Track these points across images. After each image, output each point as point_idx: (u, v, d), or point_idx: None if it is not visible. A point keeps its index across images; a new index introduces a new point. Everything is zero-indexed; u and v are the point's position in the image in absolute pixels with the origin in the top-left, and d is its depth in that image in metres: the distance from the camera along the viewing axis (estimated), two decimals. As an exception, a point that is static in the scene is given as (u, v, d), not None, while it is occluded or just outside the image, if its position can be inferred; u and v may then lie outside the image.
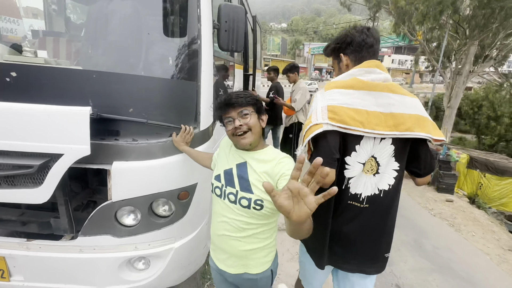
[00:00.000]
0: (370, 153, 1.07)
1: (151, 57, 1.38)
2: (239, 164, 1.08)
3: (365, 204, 1.11)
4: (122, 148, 1.29)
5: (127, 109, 1.28)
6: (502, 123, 14.29)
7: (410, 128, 1.03)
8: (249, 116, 1.03)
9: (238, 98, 1.02)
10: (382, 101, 1.04)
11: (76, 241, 1.37)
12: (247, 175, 1.04)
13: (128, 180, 1.31)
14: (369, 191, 1.10)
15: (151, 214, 1.42)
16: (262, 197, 1.02)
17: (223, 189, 1.10)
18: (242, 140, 1.03)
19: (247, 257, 1.12)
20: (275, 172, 1.00)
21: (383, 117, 1.03)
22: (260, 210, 1.03)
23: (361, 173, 1.08)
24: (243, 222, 1.06)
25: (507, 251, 6.33)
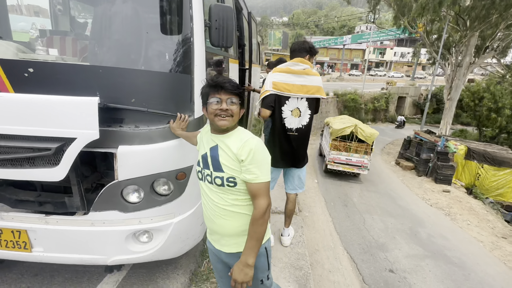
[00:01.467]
0: (295, 106, 2.09)
1: (150, 53, 1.56)
2: (212, 148, 1.18)
3: (295, 133, 2.14)
4: (126, 133, 1.47)
5: (129, 100, 1.46)
6: (503, 114, 14.27)
7: (314, 93, 2.11)
8: (235, 104, 1.14)
9: (231, 85, 1.12)
10: (300, 79, 2.06)
11: (88, 216, 1.57)
12: (218, 157, 1.15)
13: (132, 162, 1.49)
14: (296, 125, 2.13)
15: (153, 192, 1.61)
16: (233, 174, 1.13)
17: (202, 172, 1.21)
18: (222, 121, 1.12)
19: (238, 235, 1.20)
20: (239, 154, 1.10)
21: (301, 87, 2.06)
22: (234, 187, 1.14)
23: (291, 116, 2.10)
24: (222, 199, 1.17)
25: (501, 238, 6.50)
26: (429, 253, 5.54)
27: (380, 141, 15.54)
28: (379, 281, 4.65)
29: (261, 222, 1.10)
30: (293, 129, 2.10)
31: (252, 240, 1.10)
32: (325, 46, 42.59)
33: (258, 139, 1.16)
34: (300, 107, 2.06)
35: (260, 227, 1.10)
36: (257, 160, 1.10)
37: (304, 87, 2.04)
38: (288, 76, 2.02)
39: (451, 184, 9.26)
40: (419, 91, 23.90)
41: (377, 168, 10.95)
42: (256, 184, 1.10)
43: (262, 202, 1.10)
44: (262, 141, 1.18)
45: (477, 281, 4.84)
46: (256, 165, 1.09)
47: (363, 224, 6.45)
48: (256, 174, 1.09)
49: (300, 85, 2.03)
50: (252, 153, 1.09)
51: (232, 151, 1.13)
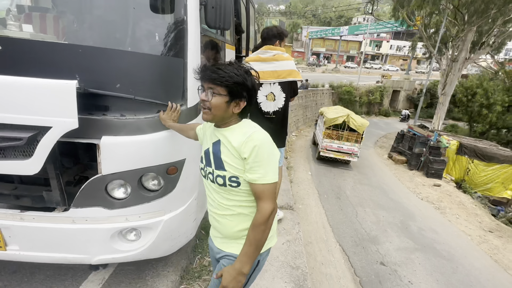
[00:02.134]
0: (269, 90, 2.18)
1: (138, 32, 1.38)
2: (214, 143, 1.07)
3: (272, 115, 2.23)
4: (110, 123, 1.32)
5: (114, 85, 1.30)
6: (494, 111, 14.47)
7: (285, 77, 2.16)
8: (216, 96, 0.97)
9: (213, 73, 0.96)
10: (270, 65, 2.14)
11: (68, 213, 1.42)
12: (220, 153, 1.03)
13: (117, 154, 1.35)
14: (273, 108, 2.21)
15: (141, 188, 1.48)
16: (236, 174, 1.00)
17: (205, 169, 1.11)
18: (203, 114, 1.01)
19: (239, 237, 1.09)
20: (241, 151, 0.97)
21: (271, 73, 2.13)
22: (237, 187, 1.02)
23: (266, 100, 2.19)
24: (226, 199, 1.06)
25: (488, 232, 6.66)
26: (419, 246, 5.64)
27: (373, 134, 15.64)
28: (370, 274, 4.70)
29: (263, 228, 0.97)
30: (270, 112, 2.24)
31: (250, 246, 0.98)
32: (322, 36, 42.05)
33: (265, 133, 1.02)
34: (273, 91, 2.19)
35: (262, 233, 0.97)
36: (262, 158, 0.96)
37: (274, 72, 2.15)
38: (259, 64, 2.11)
39: (442, 179, 9.41)
40: (413, 85, 23.99)
41: (370, 161, 11.02)
42: (261, 185, 0.97)
43: (266, 206, 0.97)
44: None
45: (465, 274, 4.96)
46: (261, 164, 0.96)
47: (356, 217, 6.49)
48: (260, 173, 0.96)
49: (270, 71, 2.14)
50: (257, 149, 0.95)
51: (233, 147, 0.99)
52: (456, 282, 4.75)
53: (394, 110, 23.14)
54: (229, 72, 0.96)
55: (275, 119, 2.24)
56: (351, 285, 4.46)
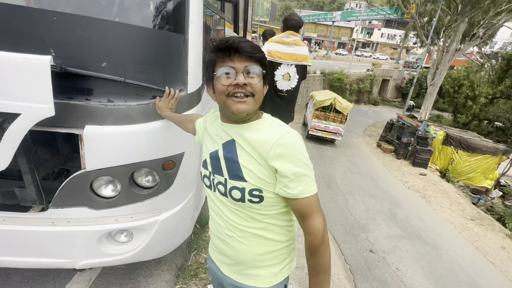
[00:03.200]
0: (286, 71, 2.38)
1: (128, 0, 1.14)
2: (226, 144, 0.83)
3: (285, 93, 2.46)
4: (95, 109, 1.10)
5: (99, 64, 1.07)
6: (478, 102, 14.87)
7: (301, 61, 2.39)
8: (256, 77, 0.75)
9: (251, 46, 0.73)
10: (291, 49, 2.33)
11: (46, 213, 1.22)
12: (236, 157, 0.79)
13: (104, 147, 1.14)
14: (286, 87, 2.44)
15: (133, 185, 1.29)
16: (260, 186, 0.77)
17: (211, 178, 0.86)
18: (240, 104, 0.75)
19: (256, 265, 0.88)
20: (270, 157, 0.75)
21: (291, 55, 2.34)
22: (260, 203, 0.79)
23: (282, 79, 2.40)
24: (241, 218, 0.83)
25: (469, 220, 6.95)
26: (406, 234, 5.80)
27: (362, 123, 15.79)
28: (360, 261, 4.79)
29: (323, 249, 0.76)
30: (284, 91, 2.48)
31: (319, 276, 0.78)
32: (314, 21, 41.13)
33: (296, 132, 0.78)
34: (290, 72, 2.42)
35: (324, 254, 0.77)
36: (301, 165, 0.74)
37: (293, 55, 2.37)
38: (281, 46, 2.33)
39: (427, 168, 9.68)
40: (402, 75, 24.21)
41: (360, 150, 11.14)
42: (305, 200, 0.75)
43: (318, 222, 0.76)
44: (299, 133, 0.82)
45: (448, 261, 5.17)
46: (301, 173, 0.74)
47: (346, 205, 6.56)
48: (302, 187, 0.74)
49: (290, 53, 2.35)
50: (294, 154, 0.74)
51: (258, 152, 0.76)
52: (441, 269, 4.93)
53: (383, 99, 23.40)
54: (260, 47, 0.76)
55: (287, 97, 2.51)
56: (342, 273, 4.53)
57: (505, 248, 5.98)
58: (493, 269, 5.24)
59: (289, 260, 0.93)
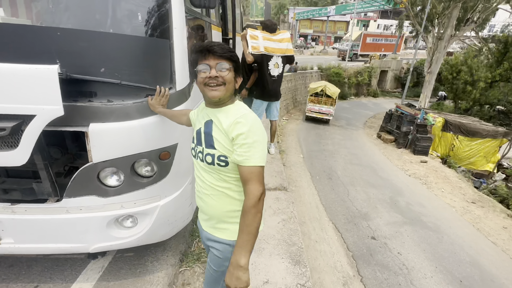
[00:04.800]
0: (275, 61, 3.35)
1: (119, 13, 1.32)
2: (206, 122, 1.07)
3: (276, 78, 3.45)
4: (97, 109, 1.28)
5: (98, 70, 1.25)
6: (477, 87, 14.80)
7: (284, 52, 3.40)
8: (227, 71, 0.98)
9: (221, 48, 0.97)
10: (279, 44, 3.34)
11: (61, 203, 1.41)
12: (211, 131, 1.04)
13: (107, 141, 1.32)
14: (276, 73, 3.41)
15: (134, 174, 1.47)
16: (225, 153, 1.00)
17: (196, 149, 1.11)
18: (213, 91, 0.99)
19: (227, 221, 1.10)
20: (229, 131, 0.98)
21: (279, 49, 3.34)
22: (225, 167, 1.02)
23: (273, 68, 3.36)
24: (214, 178, 1.06)
25: (471, 203, 7.02)
26: (407, 220, 5.91)
27: (362, 115, 15.84)
28: (362, 248, 4.92)
29: (253, 212, 0.94)
30: (275, 76, 3.39)
31: (243, 235, 0.94)
32: (308, 17, 41.11)
33: (255, 116, 1.02)
34: (278, 62, 3.36)
35: (253, 217, 0.94)
36: (250, 140, 0.95)
37: (280, 49, 3.33)
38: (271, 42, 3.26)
39: (428, 155, 9.73)
40: (400, 65, 24.14)
41: (360, 142, 11.23)
42: (248, 168, 0.96)
43: (255, 188, 0.95)
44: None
45: (449, 243, 5.26)
46: (249, 146, 0.95)
47: (347, 196, 6.69)
48: (247, 155, 0.95)
49: (278, 48, 3.30)
50: (245, 131, 0.95)
51: (223, 128, 1.00)
52: (442, 251, 5.04)
53: (382, 90, 23.37)
54: (230, 48, 1.01)
55: (277, 80, 3.47)
56: (344, 260, 4.68)
57: (507, 228, 6.04)
58: (494, 249, 5.32)
59: None
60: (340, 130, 12.53)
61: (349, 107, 17.81)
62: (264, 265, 1.89)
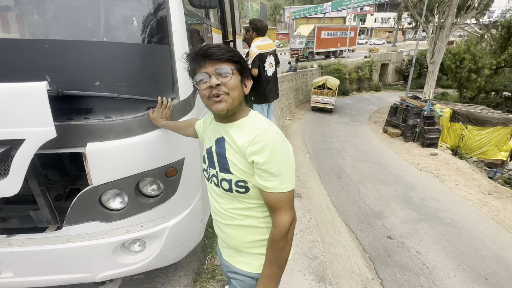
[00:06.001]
0: (269, 61, 3.12)
1: (113, 19, 1.19)
2: (218, 140, 0.91)
3: (271, 77, 3.19)
4: (94, 127, 1.15)
5: (92, 83, 1.13)
6: (482, 75, 14.49)
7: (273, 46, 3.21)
8: (230, 76, 0.81)
9: (217, 50, 0.80)
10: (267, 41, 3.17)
11: (62, 231, 1.28)
12: (224, 152, 0.87)
13: (107, 161, 1.19)
14: (271, 73, 3.17)
15: (139, 195, 1.34)
16: (244, 178, 0.84)
17: (208, 171, 0.95)
18: (217, 104, 0.81)
19: (245, 251, 0.96)
20: (247, 153, 0.81)
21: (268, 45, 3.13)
22: (246, 193, 0.86)
23: (268, 67, 3.11)
24: (232, 208, 0.91)
25: (487, 195, 6.78)
26: (423, 216, 5.71)
27: (366, 110, 15.62)
28: (378, 249, 4.75)
29: (282, 244, 0.82)
30: (271, 76, 3.23)
31: (271, 267, 0.84)
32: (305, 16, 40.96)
33: (277, 129, 0.84)
34: (271, 61, 3.21)
35: (282, 250, 0.83)
36: (276, 160, 0.79)
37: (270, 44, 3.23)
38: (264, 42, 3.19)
39: (438, 147, 9.50)
40: (401, 57, 23.84)
41: (366, 138, 11.03)
42: (276, 195, 0.81)
43: (284, 219, 0.82)
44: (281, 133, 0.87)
45: (469, 238, 5.06)
46: (276, 167, 0.79)
47: (358, 194, 6.51)
48: (274, 180, 0.79)
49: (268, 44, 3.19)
50: (269, 150, 0.78)
51: (240, 148, 0.83)
52: (462, 247, 4.84)
53: (384, 84, 23.09)
54: (230, 47, 0.84)
55: (273, 80, 3.31)
56: (361, 262, 4.50)
57: (528, 219, 5.81)
58: (517, 242, 5.11)
59: None
60: (345, 127, 12.34)
61: (352, 103, 17.59)
62: (286, 284, 1.74)
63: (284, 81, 13.75)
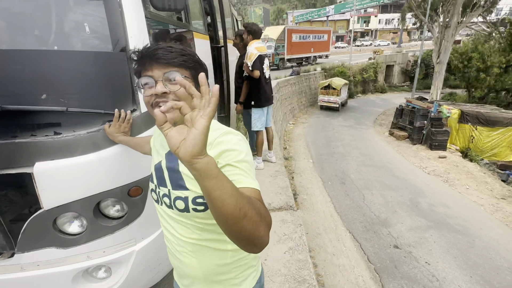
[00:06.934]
0: (267, 63, 3.28)
1: (61, 25, 1.08)
2: (168, 153, 0.78)
3: (269, 80, 3.37)
4: (42, 144, 1.04)
5: (38, 96, 1.01)
6: (491, 73, 14.06)
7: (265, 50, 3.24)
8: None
9: (168, 52, 0.68)
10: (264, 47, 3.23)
11: (13, 259, 1.16)
12: (177, 165, 0.74)
13: (58, 182, 1.08)
14: (268, 75, 3.31)
15: (100, 218, 1.21)
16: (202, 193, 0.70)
17: (157, 191, 0.81)
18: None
19: (213, 280, 0.82)
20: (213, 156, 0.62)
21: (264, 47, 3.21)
22: (204, 211, 0.72)
23: (267, 70, 3.27)
24: (189, 230, 0.77)
25: (500, 199, 6.43)
26: (432, 223, 5.43)
27: (371, 113, 15.32)
28: (384, 259, 4.50)
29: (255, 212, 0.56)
30: (268, 79, 3.28)
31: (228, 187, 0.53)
32: (308, 19, 41.06)
33: (238, 134, 0.74)
34: (267, 64, 3.28)
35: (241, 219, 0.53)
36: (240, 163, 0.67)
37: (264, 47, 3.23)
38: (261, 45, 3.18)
39: (446, 149, 9.17)
40: (406, 58, 23.45)
41: (371, 141, 10.76)
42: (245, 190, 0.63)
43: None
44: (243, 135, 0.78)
45: (482, 247, 4.76)
46: (239, 168, 0.66)
47: (363, 201, 6.27)
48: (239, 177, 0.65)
49: (264, 46, 3.21)
50: (231, 155, 0.67)
51: None
52: (475, 257, 4.55)
53: (390, 85, 22.70)
54: (186, 50, 0.71)
55: (270, 82, 3.37)
56: (366, 274, 4.27)
57: (546, 226, 5.45)
58: (535, 251, 4.77)
59: (251, 271, 0.86)
60: (349, 130, 12.08)
61: (357, 105, 17.29)
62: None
63: (286, 85, 13.62)
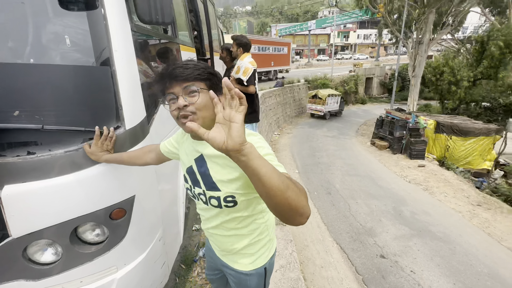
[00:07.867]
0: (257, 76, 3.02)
1: (39, 37, 1.01)
2: (197, 159, 0.91)
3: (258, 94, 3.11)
4: (13, 165, 0.94)
5: (10, 113, 0.92)
6: (462, 86, 15.05)
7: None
8: (197, 94, 0.78)
9: (184, 69, 0.78)
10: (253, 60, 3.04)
11: (-25, 295, 1.03)
12: (208, 170, 0.88)
13: (30, 207, 0.97)
14: (258, 90, 3.01)
15: (78, 244, 1.11)
16: (231, 191, 0.86)
17: (193, 190, 0.97)
18: (186, 125, 0.75)
19: (236, 253, 1.06)
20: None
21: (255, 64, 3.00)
22: (234, 207, 0.89)
23: (257, 84, 3.02)
24: (220, 218, 0.96)
25: (476, 206, 6.73)
26: (415, 231, 5.55)
27: (353, 123, 15.79)
28: (372, 270, 4.51)
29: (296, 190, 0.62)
30: (258, 93, 3.14)
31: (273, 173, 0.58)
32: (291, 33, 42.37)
33: (256, 134, 0.87)
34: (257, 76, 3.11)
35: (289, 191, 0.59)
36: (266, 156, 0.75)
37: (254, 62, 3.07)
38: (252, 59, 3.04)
39: (425, 158, 9.56)
40: (384, 71, 24.67)
41: (354, 151, 11.02)
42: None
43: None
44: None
45: (463, 253, 4.91)
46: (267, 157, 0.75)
47: (349, 211, 6.32)
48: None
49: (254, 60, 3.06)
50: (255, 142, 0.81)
51: (225, 158, 0.75)
52: (457, 264, 4.68)
53: (370, 96, 23.65)
54: (199, 64, 0.82)
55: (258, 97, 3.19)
56: (355, 285, 4.25)
57: (519, 230, 5.75)
58: (511, 255, 4.98)
59: (265, 249, 1.07)
60: (333, 141, 12.33)
61: (340, 116, 17.79)
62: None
63: (271, 96, 13.79)
